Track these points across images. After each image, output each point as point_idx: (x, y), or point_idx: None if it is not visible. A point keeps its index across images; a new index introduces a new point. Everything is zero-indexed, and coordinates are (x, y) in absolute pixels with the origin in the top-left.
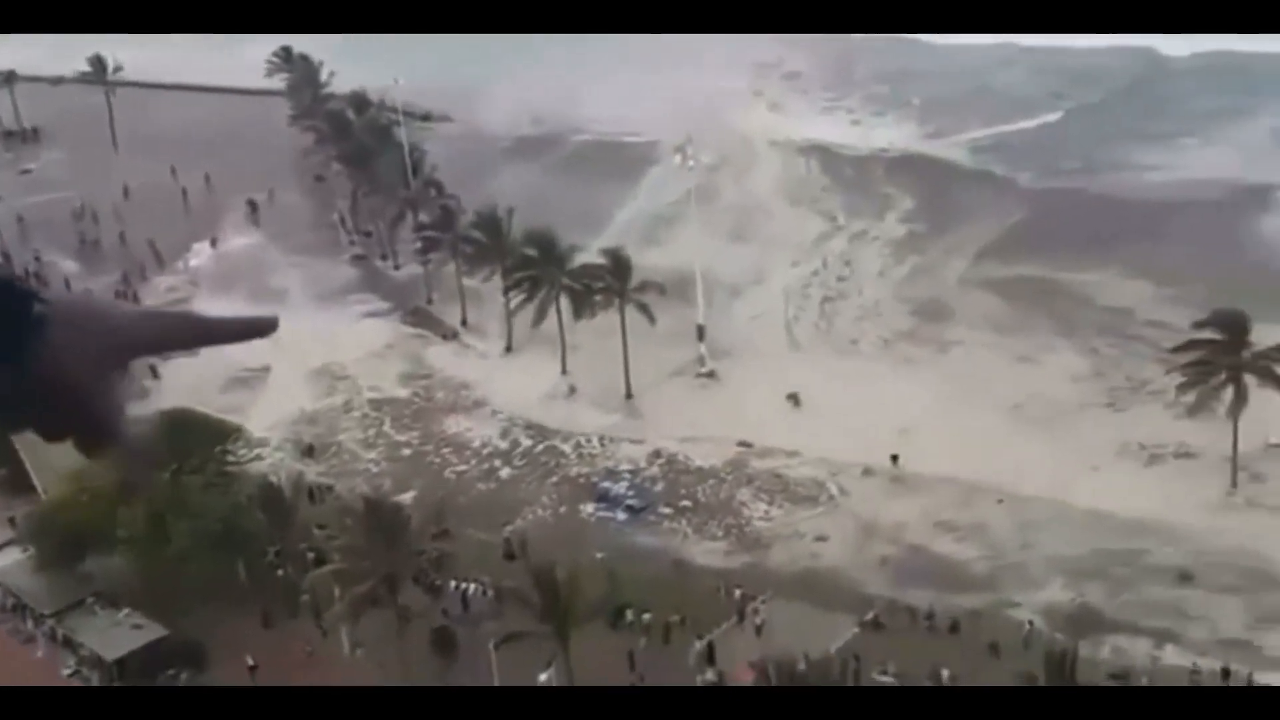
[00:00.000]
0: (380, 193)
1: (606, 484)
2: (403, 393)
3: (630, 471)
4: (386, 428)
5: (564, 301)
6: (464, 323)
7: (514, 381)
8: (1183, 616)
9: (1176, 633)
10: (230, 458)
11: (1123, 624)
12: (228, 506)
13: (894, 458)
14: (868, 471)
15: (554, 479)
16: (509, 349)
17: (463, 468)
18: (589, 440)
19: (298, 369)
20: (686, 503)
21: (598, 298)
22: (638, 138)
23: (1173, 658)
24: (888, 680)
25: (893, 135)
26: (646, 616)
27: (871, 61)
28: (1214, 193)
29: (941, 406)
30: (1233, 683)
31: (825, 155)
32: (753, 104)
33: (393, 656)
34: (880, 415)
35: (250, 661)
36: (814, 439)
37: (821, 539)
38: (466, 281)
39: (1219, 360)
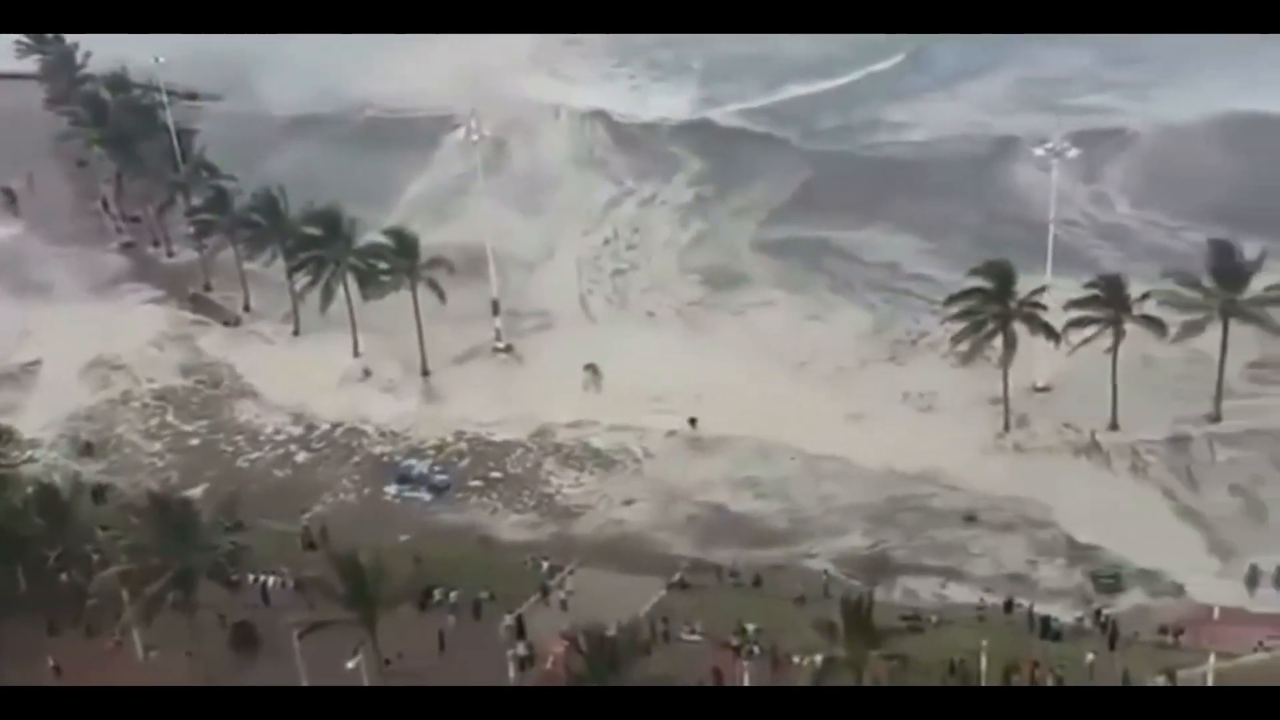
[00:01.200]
0: (147, 176)
1: (410, 462)
2: (186, 382)
3: (434, 449)
4: (170, 418)
5: (353, 282)
6: (247, 307)
7: (305, 365)
8: (968, 555)
9: (963, 571)
10: (0, 460)
11: (913, 566)
12: (0, 512)
13: (692, 421)
14: (670, 435)
15: (356, 459)
16: (297, 333)
17: (256, 455)
18: (389, 420)
19: (69, 363)
20: (496, 474)
21: (386, 277)
22: (423, 111)
23: (962, 595)
24: (695, 639)
25: (674, 101)
26: (453, 595)
27: None
28: (970, 146)
29: (735, 369)
30: (1015, 615)
31: (611, 122)
32: (536, 72)
33: (191, 655)
34: (678, 381)
35: (52, 663)
36: (616, 407)
37: (628, 503)
38: (248, 265)
39: (987, 310)
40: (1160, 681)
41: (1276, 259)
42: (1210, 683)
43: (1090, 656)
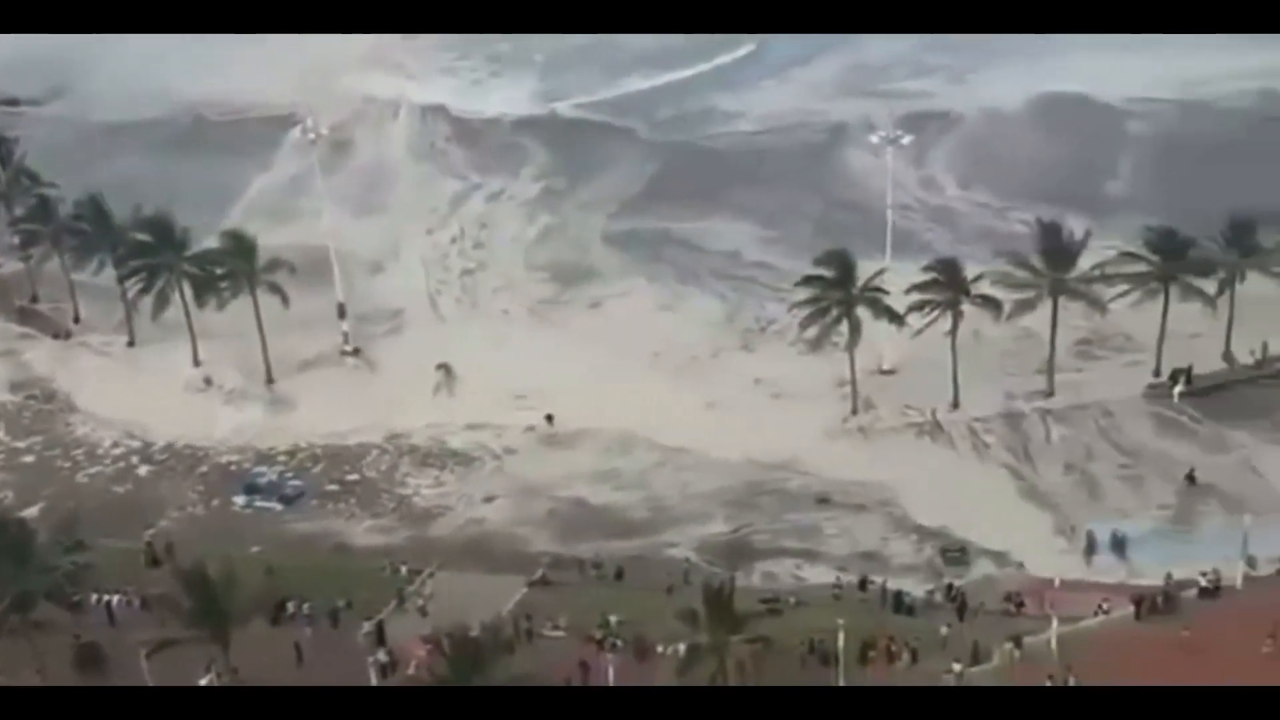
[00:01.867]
0: None
1: (260, 470)
2: (15, 398)
3: (286, 455)
4: (1, 435)
5: (188, 289)
6: (77, 319)
7: (143, 377)
8: (823, 537)
9: (819, 552)
10: None
11: (771, 550)
12: None
13: (549, 417)
14: (528, 431)
15: (203, 469)
16: (132, 343)
17: (95, 470)
18: (234, 430)
19: None
20: (353, 477)
21: (224, 283)
22: (259, 111)
23: (818, 575)
24: (559, 634)
25: (517, 94)
26: (308, 606)
27: None
28: (805, 134)
29: (590, 363)
30: (870, 592)
31: (452, 117)
32: (375, 68)
33: (34, 679)
34: (533, 377)
35: None
36: (472, 407)
37: (489, 500)
38: (76, 275)
39: (831, 296)
40: (1008, 648)
41: (1100, 238)
42: (1054, 647)
43: (944, 629)
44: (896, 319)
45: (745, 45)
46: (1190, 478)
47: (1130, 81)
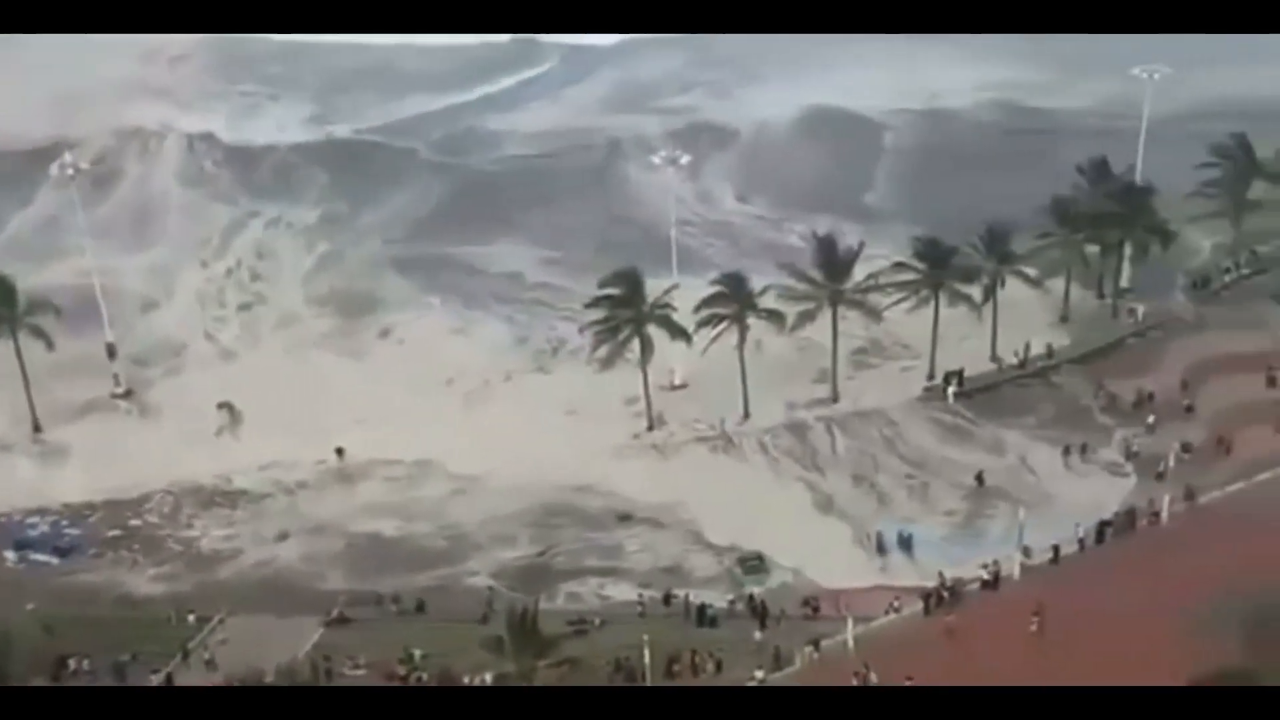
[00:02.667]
0: None
1: (32, 522)
2: None
3: (60, 505)
4: None
5: None
6: None
7: None
8: (624, 554)
9: (621, 570)
10: None
11: (573, 571)
12: None
13: (339, 451)
14: (319, 465)
15: None
16: None
17: None
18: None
19: None
20: (135, 522)
21: None
22: (16, 144)
23: (622, 593)
24: (360, 673)
25: (289, 120)
26: (88, 662)
27: (262, 42)
28: (584, 153)
29: (381, 393)
30: (674, 606)
31: (226, 144)
32: (142, 95)
33: None
34: (322, 409)
35: None
36: (257, 444)
37: (281, 539)
38: None
39: (620, 315)
40: (808, 651)
41: (872, 247)
42: (851, 646)
43: (758, 634)
44: (684, 335)
45: (525, 67)
46: (979, 479)
47: (882, 94)
